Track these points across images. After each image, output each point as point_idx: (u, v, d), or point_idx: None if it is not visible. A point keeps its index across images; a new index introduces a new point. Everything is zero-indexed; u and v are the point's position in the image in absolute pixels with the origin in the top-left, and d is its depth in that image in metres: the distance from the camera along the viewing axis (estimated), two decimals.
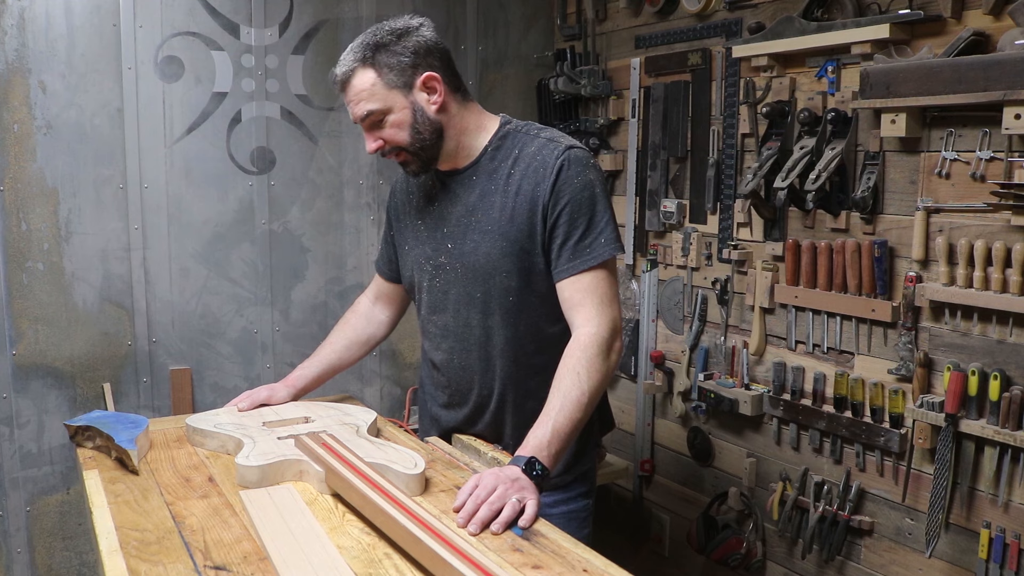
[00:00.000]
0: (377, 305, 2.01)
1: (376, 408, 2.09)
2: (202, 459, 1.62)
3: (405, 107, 1.62)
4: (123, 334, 2.52)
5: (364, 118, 1.62)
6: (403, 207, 1.85)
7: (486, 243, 1.67)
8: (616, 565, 1.22)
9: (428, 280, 1.76)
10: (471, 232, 1.69)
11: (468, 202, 1.70)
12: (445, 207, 1.73)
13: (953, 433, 1.93)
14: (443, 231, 1.73)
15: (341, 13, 2.73)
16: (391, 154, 1.66)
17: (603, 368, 1.59)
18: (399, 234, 1.87)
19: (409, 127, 1.63)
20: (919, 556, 2.08)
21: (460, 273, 1.71)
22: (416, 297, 1.84)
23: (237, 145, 2.62)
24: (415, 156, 1.66)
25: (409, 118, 1.62)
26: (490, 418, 1.76)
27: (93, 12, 2.39)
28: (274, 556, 1.21)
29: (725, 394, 2.47)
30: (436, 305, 1.77)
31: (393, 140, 1.63)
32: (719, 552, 2.49)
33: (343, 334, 1.97)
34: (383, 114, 1.62)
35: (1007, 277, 1.82)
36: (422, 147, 1.65)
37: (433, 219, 1.75)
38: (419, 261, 1.78)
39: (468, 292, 1.70)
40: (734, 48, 2.35)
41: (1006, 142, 1.83)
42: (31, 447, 2.44)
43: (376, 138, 1.64)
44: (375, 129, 1.64)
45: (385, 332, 2.02)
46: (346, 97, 1.64)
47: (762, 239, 2.40)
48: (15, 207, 2.35)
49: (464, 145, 1.70)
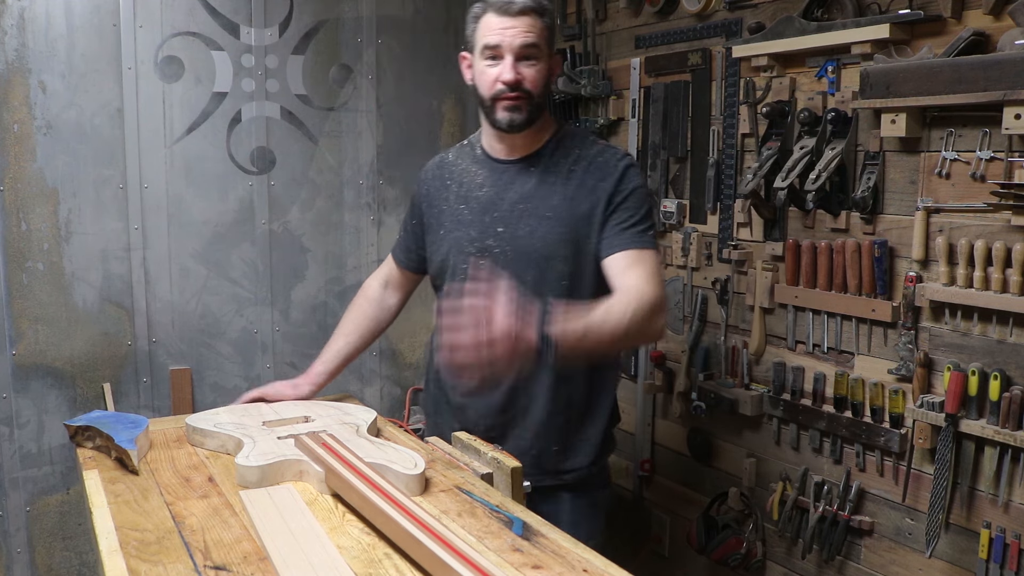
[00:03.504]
0: (387, 290, 2.07)
1: (376, 408, 2.09)
2: (202, 459, 1.62)
3: (545, 63, 1.78)
4: (123, 334, 2.52)
5: (522, 47, 1.73)
6: (437, 193, 1.92)
7: (543, 228, 1.76)
8: (616, 565, 1.22)
9: (471, 263, 1.82)
10: (527, 217, 1.78)
11: (524, 190, 1.80)
12: (497, 193, 1.82)
13: (953, 433, 1.93)
14: (492, 215, 1.81)
15: (341, 13, 2.73)
16: (514, 94, 1.74)
17: (648, 323, 1.66)
18: (432, 219, 1.91)
19: (543, 79, 1.77)
20: (919, 556, 2.08)
21: (511, 256, 1.78)
22: (448, 280, 1.87)
23: (237, 145, 2.62)
24: (529, 106, 1.76)
25: (545, 73, 1.78)
26: (526, 401, 1.81)
27: (93, 12, 2.39)
28: (274, 556, 1.21)
29: (725, 394, 2.47)
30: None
31: (530, 80, 1.75)
32: (719, 552, 2.49)
33: (356, 323, 2.03)
34: (535, 55, 1.75)
35: (1007, 277, 1.82)
36: (539, 103, 1.78)
37: (480, 204, 1.83)
38: (460, 244, 1.84)
39: (518, 275, 1.73)
40: (734, 48, 2.35)
41: (1006, 142, 1.83)
42: (31, 447, 2.44)
43: (518, 71, 1.74)
44: (519, 62, 1.74)
45: (393, 318, 2.09)
46: (511, 23, 1.73)
47: (762, 239, 2.40)
48: (15, 207, 2.35)
49: (538, 130, 1.82)
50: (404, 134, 2.88)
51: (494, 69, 1.75)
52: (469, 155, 1.92)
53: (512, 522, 1.36)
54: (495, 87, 1.75)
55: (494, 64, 1.75)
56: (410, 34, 2.85)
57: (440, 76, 2.92)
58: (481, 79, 1.78)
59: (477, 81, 1.81)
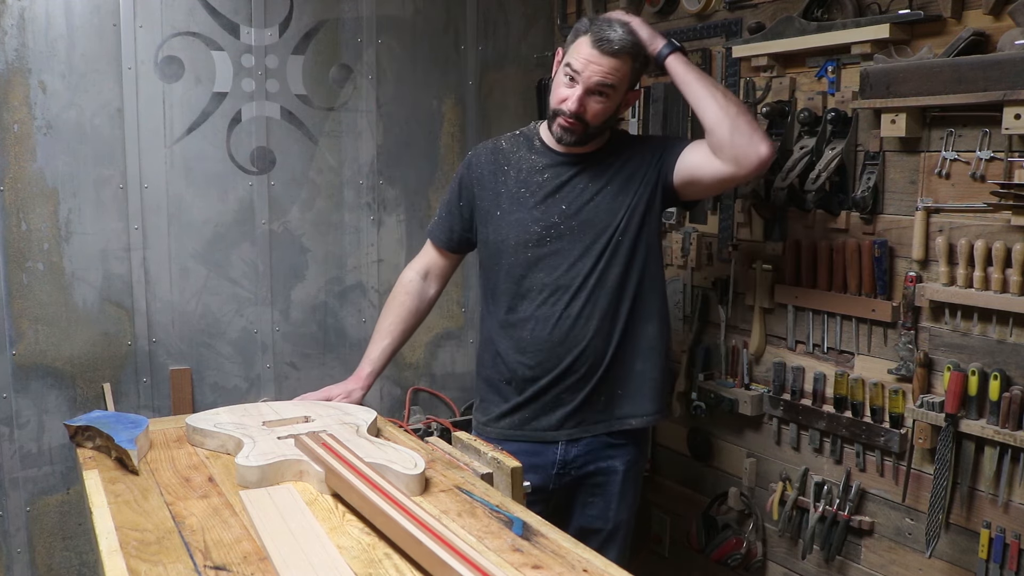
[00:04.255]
0: (427, 280, 2.18)
1: (376, 408, 2.08)
2: (202, 459, 1.62)
3: (615, 102, 1.91)
4: (123, 334, 2.52)
5: (597, 85, 1.86)
6: (491, 177, 2.05)
7: (606, 200, 1.96)
8: (616, 565, 1.22)
9: (536, 240, 1.97)
10: (587, 194, 1.96)
11: (585, 175, 1.98)
12: (559, 178, 1.98)
13: (953, 433, 1.93)
14: (555, 196, 1.98)
15: (341, 13, 2.73)
16: (572, 120, 1.89)
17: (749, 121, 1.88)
18: (487, 201, 2.05)
19: (607, 113, 1.91)
20: (919, 556, 2.08)
21: (577, 230, 1.96)
22: (507, 259, 2.01)
23: (237, 145, 2.62)
24: (584, 132, 1.92)
25: (612, 108, 1.91)
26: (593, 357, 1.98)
27: (93, 12, 2.39)
28: (274, 556, 1.21)
29: (725, 394, 2.47)
30: (545, 263, 1.97)
31: (592, 114, 1.89)
32: (719, 552, 2.49)
33: (400, 318, 2.13)
34: (608, 93, 1.87)
35: (1007, 277, 1.82)
36: (594, 132, 1.94)
37: (542, 188, 1.99)
38: (524, 223, 1.99)
39: (586, 245, 1.95)
40: (734, 48, 2.35)
41: (1006, 142, 1.83)
42: (31, 447, 2.44)
43: (582, 103, 1.87)
44: (590, 95, 1.87)
45: (430, 307, 2.20)
46: (599, 59, 1.84)
47: (762, 239, 2.40)
48: (15, 207, 2.35)
49: (595, 139, 1.98)
50: (404, 134, 2.88)
51: (567, 90, 1.88)
52: (526, 144, 2.05)
53: (512, 522, 1.36)
54: (560, 104, 1.89)
55: (570, 85, 1.88)
56: (410, 34, 2.85)
57: (440, 76, 2.92)
58: (555, 89, 1.93)
59: (553, 85, 1.94)
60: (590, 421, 2.03)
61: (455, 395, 3.02)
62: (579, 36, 1.88)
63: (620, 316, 1.99)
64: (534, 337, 1.99)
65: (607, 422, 2.03)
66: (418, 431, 2.26)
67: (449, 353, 3.04)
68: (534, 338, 1.99)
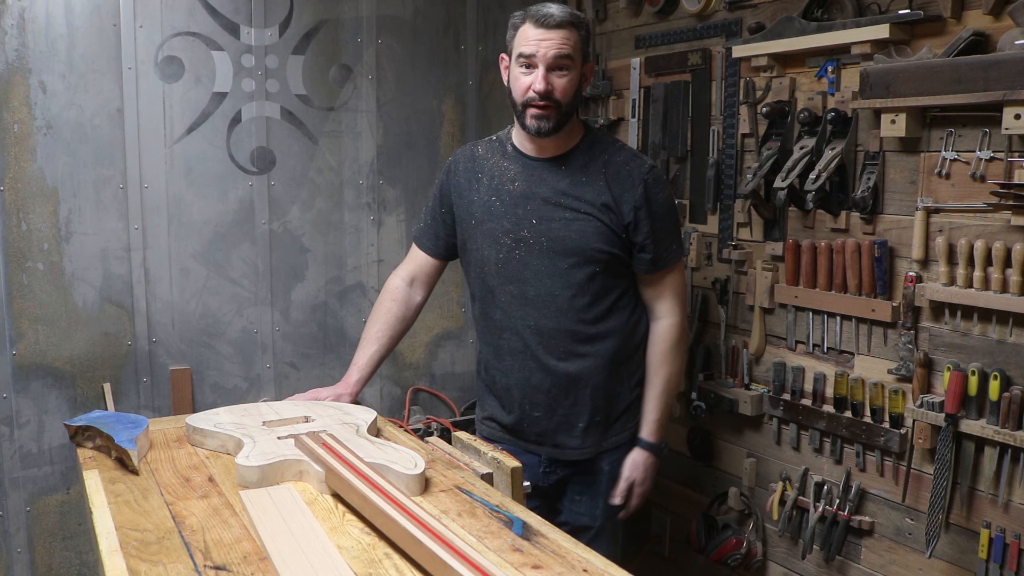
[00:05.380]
0: (413, 287, 2.16)
1: (376, 408, 2.09)
2: (202, 459, 1.62)
3: (577, 73, 1.89)
4: (123, 334, 2.52)
5: (556, 58, 1.84)
6: (467, 184, 2.03)
7: (579, 222, 1.92)
8: (616, 565, 1.22)
9: (505, 252, 1.96)
10: (561, 211, 1.93)
11: (557, 186, 1.94)
12: (529, 187, 1.95)
13: (953, 433, 1.93)
14: (525, 208, 1.95)
15: (341, 13, 2.73)
16: (543, 103, 1.85)
17: (683, 354, 2.07)
18: (463, 209, 2.03)
19: (574, 88, 1.88)
20: (919, 556, 2.08)
21: (546, 246, 1.93)
22: (481, 269, 2.01)
23: (237, 145, 2.62)
24: (557, 114, 1.88)
25: (576, 82, 1.89)
26: (562, 369, 1.99)
27: (93, 12, 2.39)
28: (274, 556, 1.21)
29: (725, 394, 2.47)
30: (513, 275, 1.97)
31: (560, 90, 1.86)
32: (719, 552, 2.49)
33: (386, 325, 2.12)
34: (568, 65, 1.85)
35: (1007, 277, 1.82)
36: (567, 111, 1.89)
37: (512, 197, 1.96)
38: (494, 234, 1.97)
39: (554, 264, 1.93)
40: (734, 48, 2.35)
41: (1006, 142, 1.83)
42: (31, 447, 2.44)
43: (549, 81, 1.85)
44: (551, 72, 1.85)
45: (417, 314, 2.19)
46: (547, 35, 1.83)
47: (762, 239, 2.40)
48: (15, 207, 2.35)
49: (567, 134, 1.94)
50: (404, 134, 2.88)
51: (527, 77, 1.86)
52: (499, 151, 2.03)
53: (512, 522, 1.36)
54: (527, 94, 1.87)
55: (528, 72, 1.86)
56: (410, 34, 2.85)
57: (440, 76, 2.92)
58: (515, 84, 1.90)
59: (511, 85, 1.92)
60: (566, 446, 2.03)
61: (455, 395, 3.02)
62: (519, 27, 1.88)
63: (588, 334, 1.97)
64: (510, 347, 2.01)
65: (580, 449, 2.03)
66: (418, 431, 2.26)
67: (449, 353, 3.04)
68: (510, 348, 2.01)
